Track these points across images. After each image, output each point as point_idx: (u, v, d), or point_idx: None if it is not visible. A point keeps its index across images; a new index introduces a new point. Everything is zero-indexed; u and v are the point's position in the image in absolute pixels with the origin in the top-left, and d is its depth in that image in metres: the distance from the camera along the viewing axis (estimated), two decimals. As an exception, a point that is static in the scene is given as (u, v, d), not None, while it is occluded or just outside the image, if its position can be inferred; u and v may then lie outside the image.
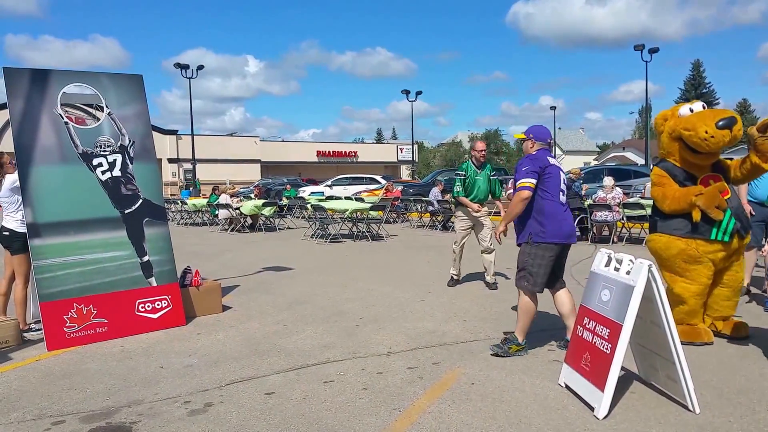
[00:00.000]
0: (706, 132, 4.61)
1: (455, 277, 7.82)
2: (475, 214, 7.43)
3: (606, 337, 3.68)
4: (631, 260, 3.73)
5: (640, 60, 31.82)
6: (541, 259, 4.56)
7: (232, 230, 16.24)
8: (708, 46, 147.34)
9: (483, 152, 7.55)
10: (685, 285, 4.91)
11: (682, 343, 3.86)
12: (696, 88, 49.33)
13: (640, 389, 4.03)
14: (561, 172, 4.69)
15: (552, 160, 4.65)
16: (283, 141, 59.97)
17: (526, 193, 4.49)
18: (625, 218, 12.31)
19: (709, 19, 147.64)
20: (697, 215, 4.72)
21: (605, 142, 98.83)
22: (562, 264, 4.82)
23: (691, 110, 4.89)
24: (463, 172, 7.55)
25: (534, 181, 4.51)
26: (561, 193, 4.60)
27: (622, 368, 3.81)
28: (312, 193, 25.95)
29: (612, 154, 68.58)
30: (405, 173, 56.28)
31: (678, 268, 4.93)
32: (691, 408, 3.62)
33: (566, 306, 4.78)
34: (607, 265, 3.94)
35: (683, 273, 4.91)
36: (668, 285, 4.99)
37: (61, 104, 5.57)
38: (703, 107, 4.92)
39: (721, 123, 4.58)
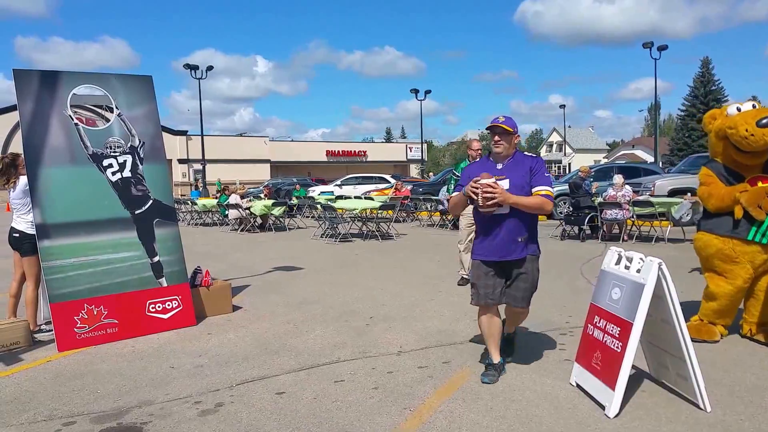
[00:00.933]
0: (747, 130, 4.59)
1: (465, 276, 7.75)
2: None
3: (617, 336, 3.66)
4: (641, 258, 3.71)
5: (649, 57, 31.57)
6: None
7: (241, 230, 16.28)
8: (717, 43, 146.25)
9: (479, 151, 7.47)
10: (720, 284, 4.89)
11: (693, 340, 3.84)
12: (705, 86, 48.74)
13: (651, 388, 4.00)
14: None
15: None
16: (292, 141, 60.11)
17: (552, 207, 4.11)
18: (635, 216, 12.24)
19: (719, 16, 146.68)
20: (739, 212, 4.69)
21: (615, 140, 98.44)
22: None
23: (739, 109, 4.84)
24: (459, 172, 7.36)
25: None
26: None
27: (633, 366, 3.79)
28: (321, 192, 25.97)
29: (621, 152, 68.18)
30: (414, 172, 56.23)
31: (716, 267, 4.92)
32: (702, 406, 3.59)
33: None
34: (618, 263, 3.91)
35: (721, 272, 4.90)
36: (706, 283, 5.02)
37: (71, 105, 5.60)
38: (753, 107, 4.84)
39: (763, 121, 4.54)
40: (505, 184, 3.98)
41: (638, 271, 3.67)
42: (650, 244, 11.41)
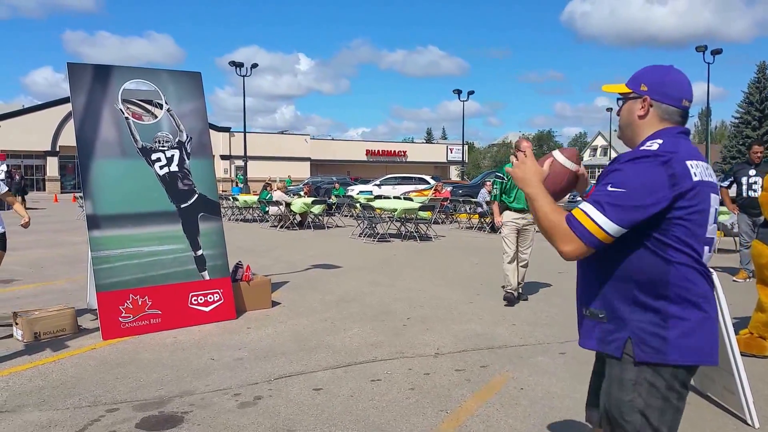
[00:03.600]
0: None
1: (510, 291, 6.78)
2: (497, 224, 6.94)
3: (663, 346, 3.56)
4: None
5: (702, 61, 30.64)
6: (666, 402, 1.90)
7: (281, 227, 16.46)
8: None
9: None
10: None
11: (742, 354, 3.71)
12: (761, 92, 47.27)
13: (695, 400, 3.89)
14: (712, 194, 1.95)
15: (698, 168, 1.91)
16: (332, 139, 60.52)
17: (574, 246, 1.86)
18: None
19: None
20: None
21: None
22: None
23: None
24: (503, 175, 6.83)
25: (614, 227, 1.81)
26: (707, 248, 1.94)
27: (679, 379, 3.68)
28: (360, 191, 26.07)
29: (669, 158, 66.44)
30: (454, 174, 55.99)
31: (767, 279, 4.78)
32: (749, 422, 3.47)
33: None
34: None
35: None
36: (758, 295, 4.88)
37: (122, 100, 5.75)
38: None
39: None
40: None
41: (687, 280, 3.56)
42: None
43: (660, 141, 1.92)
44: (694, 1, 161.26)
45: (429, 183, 28.48)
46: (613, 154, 74.33)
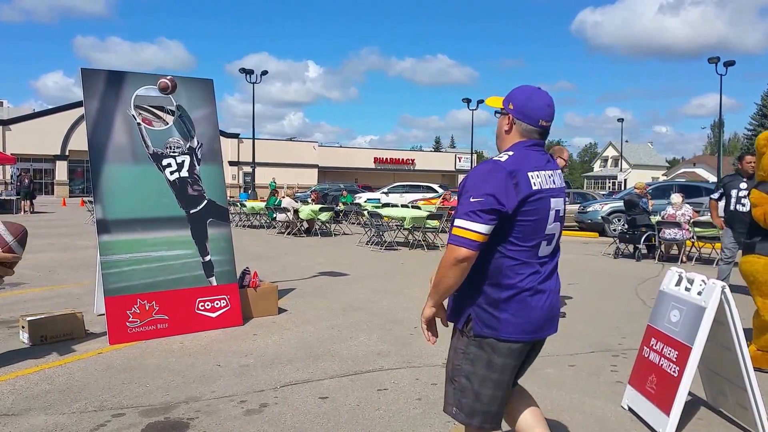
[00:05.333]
0: None
1: None
2: None
3: (674, 360, 3.53)
4: (703, 280, 3.57)
5: (715, 73, 30.53)
6: (490, 371, 2.35)
7: (288, 234, 16.47)
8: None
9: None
10: None
11: (755, 369, 3.66)
12: (774, 104, 47.17)
13: (707, 416, 3.84)
14: (552, 198, 2.36)
15: (539, 178, 2.31)
16: (340, 147, 60.63)
17: (464, 253, 2.19)
18: (695, 237, 11.81)
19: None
20: None
21: (675, 157, 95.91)
22: (527, 366, 2.61)
23: None
24: None
25: (484, 227, 2.18)
26: (544, 242, 2.34)
27: (689, 393, 3.64)
28: (368, 199, 26.07)
29: (682, 170, 66.20)
30: (462, 183, 55.90)
31: None
32: (764, 440, 3.42)
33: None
34: (678, 284, 3.77)
35: None
36: (758, 309, 4.75)
37: (135, 106, 5.77)
38: None
39: None
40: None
41: (699, 293, 3.53)
42: (710, 266, 10.99)
43: (511, 153, 2.33)
44: (706, 13, 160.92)
45: (437, 192, 28.45)
46: (624, 165, 74.21)
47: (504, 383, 2.37)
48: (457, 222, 2.22)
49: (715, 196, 8.16)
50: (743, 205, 7.40)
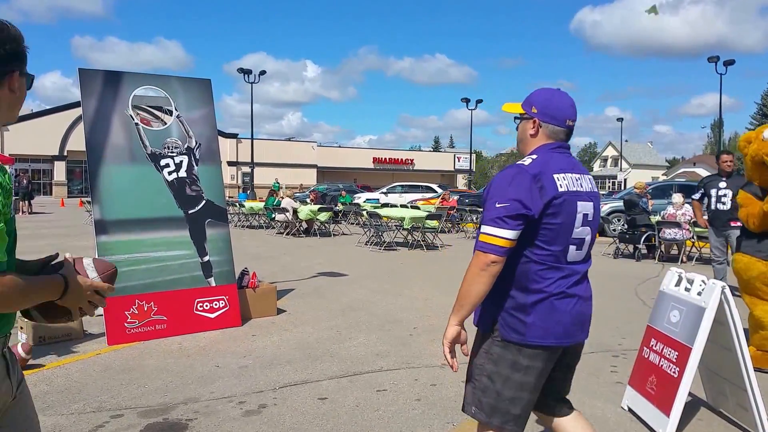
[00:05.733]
0: None
1: None
2: None
3: (674, 360, 3.52)
4: (703, 281, 3.56)
5: (714, 72, 30.45)
6: (513, 371, 2.29)
7: (287, 234, 16.45)
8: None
9: None
10: (766, 308, 4.66)
11: (755, 369, 3.66)
12: (774, 103, 47.19)
13: (707, 416, 3.83)
14: (580, 202, 2.28)
15: (565, 180, 2.26)
16: (339, 147, 60.60)
17: (492, 259, 2.16)
18: (695, 237, 11.81)
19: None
20: None
21: (675, 156, 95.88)
22: (567, 377, 2.54)
23: None
24: None
25: (511, 233, 2.15)
26: (573, 246, 2.28)
27: (690, 393, 3.63)
28: (367, 199, 26.06)
29: (682, 170, 66.11)
30: (461, 183, 55.94)
31: (759, 291, 4.69)
32: (764, 440, 3.41)
33: None
34: (678, 284, 3.77)
35: (764, 296, 4.67)
36: (749, 309, 4.77)
37: (132, 106, 5.76)
38: None
39: None
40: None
41: (699, 293, 3.52)
42: (710, 267, 10.97)
43: (535, 156, 2.28)
44: (706, 12, 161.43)
45: (436, 191, 28.44)
46: (624, 165, 74.19)
47: (528, 386, 2.28)
48: (484, 228, 2.19)
49: (697, 196, 8.30)
50: (723, 203, 7.66)
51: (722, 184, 7.71)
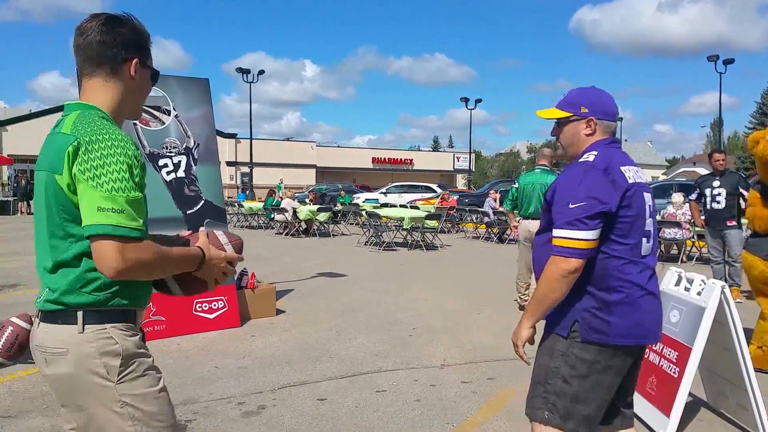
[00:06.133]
0: None
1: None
2: (513, 234, 6.98)
3: (674, 361, 3.51)
4: (702, 280, 3.55)
5: (714, 71, 30.42)
6: (592, 372, 2.20)
7: (286, 234, 16.44)
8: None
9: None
10: None
11: (755, 370, 3.65)
12: (774, 102, 47.18)
13: (708, 417, 3.83)
14: (645, 193, 2.27)
15: (629, 172, 2.22)
16: (338, 147, 60.57)
17: (574, 264, 2.09)
18: (695, 237, 11.80)
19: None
20: None
21: (674, 156, 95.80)
22: (635, 376, 2.44)
23: None
24: (518, 185, 6.78)
25: (591, 233, 2.09)
26: (644, 239, 2.24)
27: (690, 394, 3.62)
28: (366, 199, 26.05)
29: (681, 169, 66.05)
30: (461, 182, 55.92)
31: (763, 289, 4.71)
32: (765, 440, 3.40)
33: None
34: (677, 284, 3.76)
35: (766, 294, 4.70)
36: (761, 305, 4.82)
37: (131, 106, 5.74)
38: None
39: None
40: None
41: (699, 293, 3.51)
42: (710, 266, 10.99)
43: (595, 153, 2.23)
44: (705, 10, 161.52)
45: (435, 191, 28.43)
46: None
47: (605, 385, 2.20)
48: (559, 233, 2.11)
49: (693, 196, 8.28)
50: (718, 202, 7.67)
51: (716, 183, 7.73)
